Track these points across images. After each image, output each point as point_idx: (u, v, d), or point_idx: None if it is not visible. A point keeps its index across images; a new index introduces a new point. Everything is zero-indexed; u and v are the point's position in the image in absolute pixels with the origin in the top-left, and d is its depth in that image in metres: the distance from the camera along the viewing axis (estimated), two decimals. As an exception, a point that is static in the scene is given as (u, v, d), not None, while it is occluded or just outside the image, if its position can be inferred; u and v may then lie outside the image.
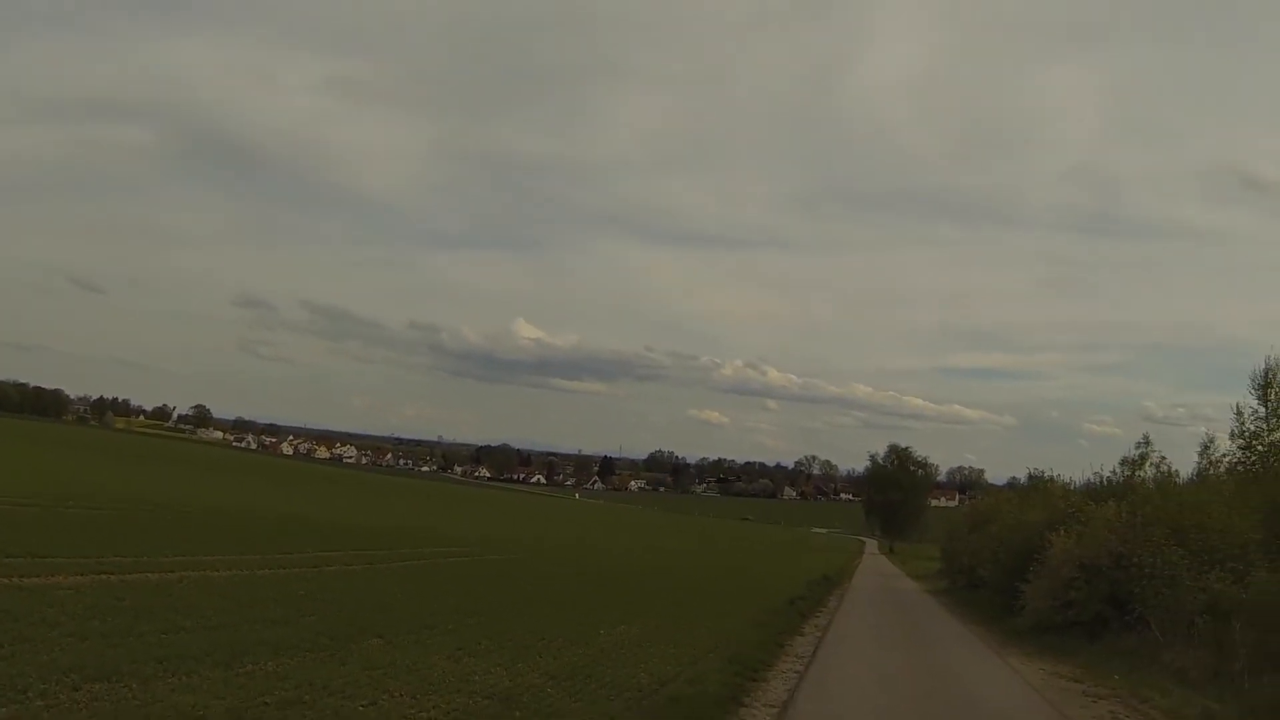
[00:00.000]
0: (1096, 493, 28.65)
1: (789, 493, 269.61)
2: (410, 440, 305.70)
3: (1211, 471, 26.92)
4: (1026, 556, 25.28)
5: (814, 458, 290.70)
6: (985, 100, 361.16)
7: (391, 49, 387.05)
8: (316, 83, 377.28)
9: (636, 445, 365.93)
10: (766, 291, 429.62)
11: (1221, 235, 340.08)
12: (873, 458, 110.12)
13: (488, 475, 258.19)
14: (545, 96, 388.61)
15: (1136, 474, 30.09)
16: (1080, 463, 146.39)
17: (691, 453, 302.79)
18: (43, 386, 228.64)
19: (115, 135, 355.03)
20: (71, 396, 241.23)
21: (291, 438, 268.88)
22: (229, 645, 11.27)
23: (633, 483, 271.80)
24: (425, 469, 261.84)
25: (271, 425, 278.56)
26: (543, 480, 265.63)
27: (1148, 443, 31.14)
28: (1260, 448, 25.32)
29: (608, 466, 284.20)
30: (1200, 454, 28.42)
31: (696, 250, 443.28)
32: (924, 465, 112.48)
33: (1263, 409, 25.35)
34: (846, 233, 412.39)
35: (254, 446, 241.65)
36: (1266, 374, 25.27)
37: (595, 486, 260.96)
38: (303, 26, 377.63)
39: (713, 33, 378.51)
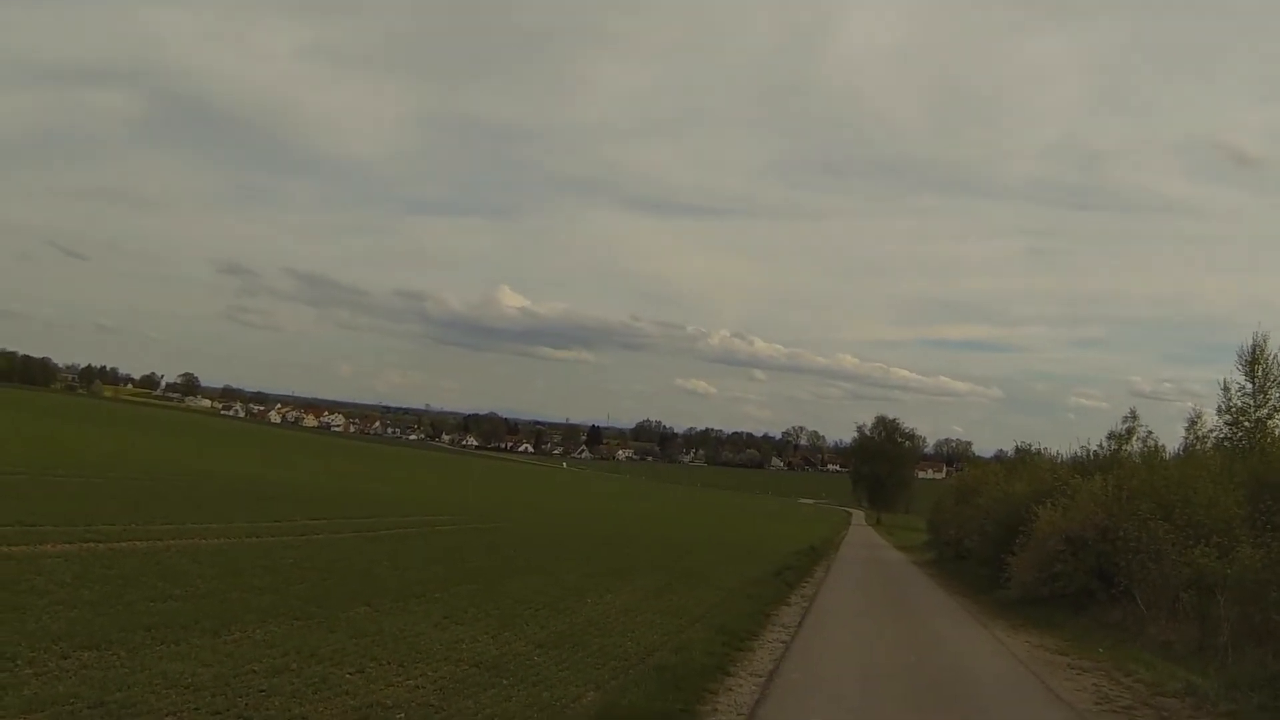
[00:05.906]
0: (1083, 466, 28.78)
1: (776, 463, 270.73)
2: (397, 408, 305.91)
3: (1198, 447, 26.99)
4: (1013, 529, 25.36)
5: (801, 428, 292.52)
6: (967, 71, 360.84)
7: (371, 13, 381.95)
8: (296, 47, 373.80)
9: (624, 414, 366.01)
10: (751, 260, 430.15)
11: (1205, 210, 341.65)
12: (860, 429, 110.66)
13: (475, 444, 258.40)
14: (527, 62, 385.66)
15: (1123, 448, 30.30)
16: (1067, 436, 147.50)
17: (679, 422, 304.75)
18: (30, 355, 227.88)
19: (96, 100, 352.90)
20: (59, 365, 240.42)
21: (279, 406, 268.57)
22: (217, 613, 11.24)
23: (620, 452, 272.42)
24: (413, 437, 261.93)
25: (259, 393, 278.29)
26: (530, 449, 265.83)
27: (1134, 417, 31.41)
28: (1247, 424, 25.36)
29: (595, 436, 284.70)
30: (1187, 429, 28.52)
31: (681, 218, 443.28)
32: (911, 437, 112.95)
33: (1250, 385, 25.37)
34: (829, 202, 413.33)
35: (242, 415, 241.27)
36: (1254, 350, 25.24)
37: (583, 455, 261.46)
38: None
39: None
